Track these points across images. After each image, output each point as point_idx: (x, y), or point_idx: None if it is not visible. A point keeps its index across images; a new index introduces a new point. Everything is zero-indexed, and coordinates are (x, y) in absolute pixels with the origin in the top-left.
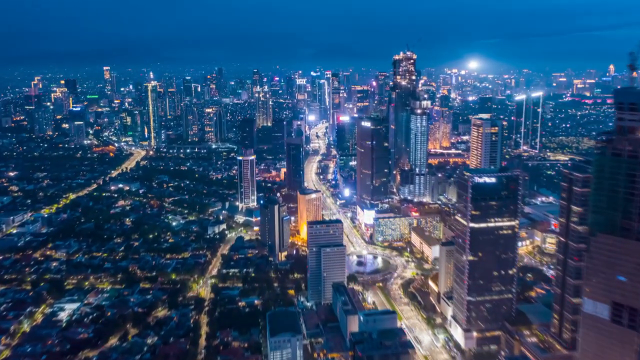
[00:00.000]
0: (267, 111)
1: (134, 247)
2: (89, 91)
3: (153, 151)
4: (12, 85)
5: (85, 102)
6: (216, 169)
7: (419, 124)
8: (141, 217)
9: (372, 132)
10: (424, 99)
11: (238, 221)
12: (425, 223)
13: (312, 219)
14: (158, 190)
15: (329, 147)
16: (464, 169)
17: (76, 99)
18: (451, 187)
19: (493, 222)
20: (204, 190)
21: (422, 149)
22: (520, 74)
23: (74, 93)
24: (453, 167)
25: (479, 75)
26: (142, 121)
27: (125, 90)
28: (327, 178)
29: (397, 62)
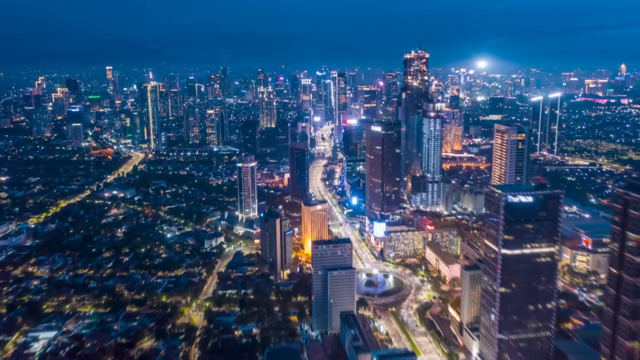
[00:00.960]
0: (271, 112)
1: (123, 263)
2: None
3: (152, 154)
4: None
5: (86, 103)
6: (217, 174)
7: (432, 128)
8: (134, 228)
9: (382, 138)
10: (437, 101)
11: (237, 232)
12: (441, 237)
13: (317, 232)
14: (154, 197)
15: (335, 150)
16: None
17: (77, 100)
18: (466, 195)
19: (529, 248)
20: (203, 197)
21: (435, 155)
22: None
23: (75, 93)
24: (466, 173)
25: (488, 75)
26: (142, 123)
27: (128, 90)
28: (333, 184)
29: (408, 62)
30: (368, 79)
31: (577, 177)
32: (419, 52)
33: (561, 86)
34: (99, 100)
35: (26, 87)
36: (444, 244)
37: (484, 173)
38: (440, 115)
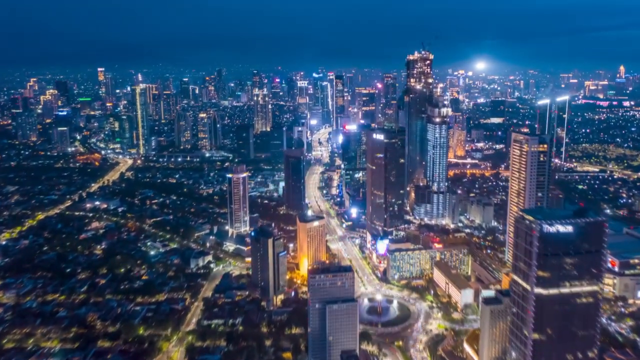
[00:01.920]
0: (266, 115)
1: (99, 287)
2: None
3: (141, 160)
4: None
5: (77, 105)
6: (207, 182)
7: (438, 135)
8: (114, 245)
9: (385, 147)
10: (443, 106)
11: (227, 249)
12: (450, 257)
13: (314, 250)
14: (139, 208)
15: (332, 156)
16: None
17: (67, 102)
18: (473, 206)
19: (568, 287)
20: (192, 208)
21: (441, 163)
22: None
23: (65, 95)
24: (471, 180)
25: (487, 77)
26: (131, 127)
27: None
28: (330, 193)
29: (411, 63)
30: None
31: (589, 185)
32: (423, 53)
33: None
34: (89, 103)
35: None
36: (453, 263)
37: (489, 180)
38: (446, 121)
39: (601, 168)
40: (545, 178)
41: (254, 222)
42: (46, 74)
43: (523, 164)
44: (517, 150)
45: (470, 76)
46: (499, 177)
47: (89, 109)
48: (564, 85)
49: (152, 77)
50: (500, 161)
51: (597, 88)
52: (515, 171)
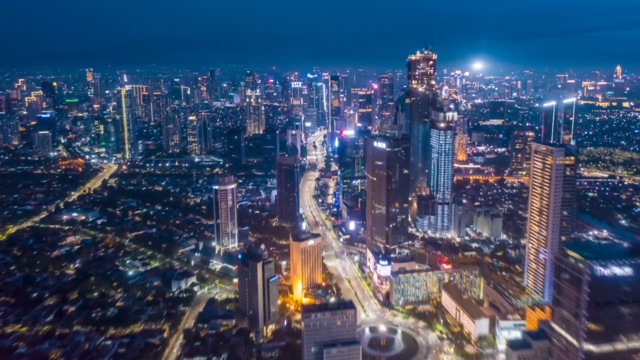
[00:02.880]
0: (259, 117)
1: (67, 316)
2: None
3: (126, 166)
4: None
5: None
6: (195, 190)
7: (443, 141)
8: (89, 263)
9: (387, 156)
10: (448, 110)
11: (214, 268)
12: (459, 278)
13: (308, 272)
14: (120, 220)
15: (328, 160)
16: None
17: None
18: (480, 217)
19: (625, 343)
20: (177, 219)
21: (446, 172)
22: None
23: (52, 96)
24: (474, 187)
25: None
26: (117, 130)
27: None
28: (326, 202)
29: (413, 64)
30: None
31: (599, 192)
32: (426, 53)
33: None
34: (77, 104)
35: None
36: (464, 286)
37: (493, 187)
38: (451, 126)
39: (610, 173)
40: (572, 195)
41: (243, 236)
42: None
43: (546, 178)
44: (539, 162)
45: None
46: (504, 183)
47: (77, 111)
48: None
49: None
50: (503, 166)
51: (595, 89)
52: (536, 186)
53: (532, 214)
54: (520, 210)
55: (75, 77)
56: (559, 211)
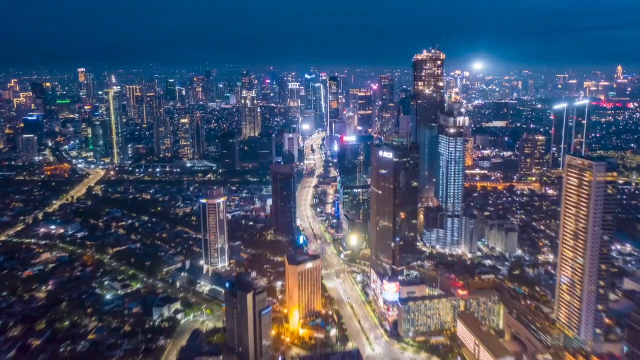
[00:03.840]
0: (255, 120)
1: (32, 352)
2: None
3: (114, 171)
4: None
5: (55, 108)
6: (186, 199)
7: (453, 149)
8: (63, 285)
9: (394, 167)
10: (459, 115)
11: (201, 290)
12: (477, 306)
13: (306, 299)
14: (103, 234)
15: (327, 165)
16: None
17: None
18: (493, 231)
19: None
20: (164, 232)
21: (456, 182)
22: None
23: (42, 98)
24: (483, 195)
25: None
26: (105, 133)
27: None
28: (325, 211)
29: (419, 65)
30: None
31: None
32: (433, 53)
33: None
34: (69, 106)
35: None
36: (482, 314)
37: (503, 195)
38: (462, 132)
39: (625, 180)
40: (613, 216)
41: (235, 252)
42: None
43: (584, 197)
44: (574, 178)
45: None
46: (513, 191)
47: (68, 112)
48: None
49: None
50: (511, 171)
51: (597, 89)
52: (571, 206)
53: (565, 237)
54: (534, 221)
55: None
56: (599, 236)
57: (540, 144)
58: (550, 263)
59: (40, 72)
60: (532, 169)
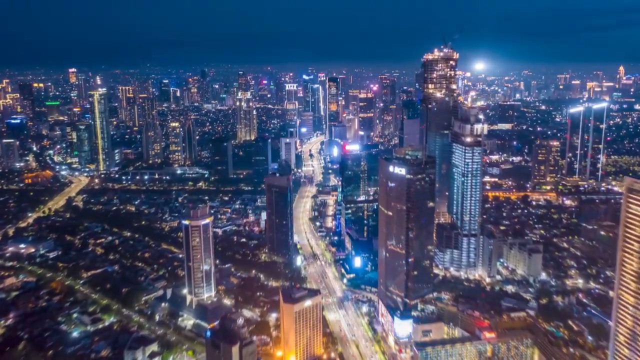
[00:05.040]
0: (250, 122)
1: None
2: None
3: (99, 179)
4: None
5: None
6: (173, 210)
7: (469, 159)
8: (25, 319)
9: (407, 184)
10: (477, 122)
11: (184, 325)
12: (506, 350)
13: (305, 341)
14: (78, 253)
15: (326, 172)
16: None
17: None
18: (513, 251)
19: None
20: (147, 251)
21: (473, 197)
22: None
23: (30, 99)
24: (495, 206)
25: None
26: (90, 138)
27: None
28: (325, 225)
29: (429, 65)
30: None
31: None
32: (445, 51)
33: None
34: (58, 107)
35: None
36: (511, 358)
37: (517, 206)
38: (479, 141)
39: None
40: None
41: (224, 275)
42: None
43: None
44: (634, 205)
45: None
46: (527, 201)
47: (58, 114)
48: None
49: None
50: (523, 178)
51: (601, 90)
52: (630, 238)
53: (623, 279)
54: (555, 237)
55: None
56: None
57: (554, 150)
58: (580, 289)
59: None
60: (547, 177)
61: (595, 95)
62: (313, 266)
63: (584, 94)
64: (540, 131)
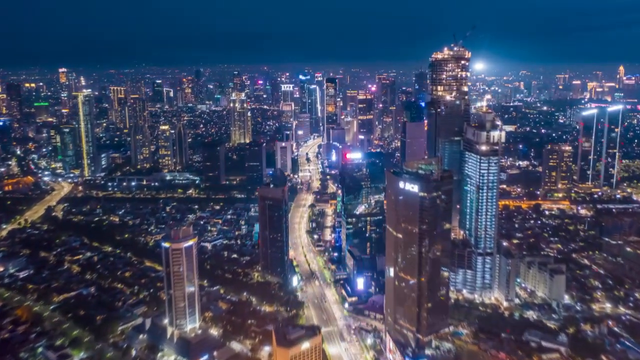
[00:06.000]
0: (244, 124)
1: None
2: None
3: (83, 186)
4: None
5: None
6: (160, 221)
7: (485, 170)
8: None
9: (420, 203)
10: (493, 128)
11: None
12: None
13: None
14: (51, 272)
15: (324, 177)
16: None
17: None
18: (532, 271)
19: None
20: (127, 270)
21: (489, 212)
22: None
23: (17, 100)
24: (506, 217)
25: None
26: (75, 141)
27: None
28: (323, 238)
29: (438, 65)
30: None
31: None
32: (456, 50)
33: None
34: (47, 108)
35: None
36: None
37: (529, 216)
38: (496, 149)
39: None
40: None
41: (212, 299)
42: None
43: None
44: None
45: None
46: (540, 211)
47: (47, 115)
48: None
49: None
50: (532, 185)
51: (603, 90)
52: None
53: None
54: (574, 252)
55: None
56: None
57: (567, 155)
58: (609, 315)
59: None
60: (558, 184)
61: (596, 95)
62: (311, 286)
63: (585, 94)
64: (545, 133)
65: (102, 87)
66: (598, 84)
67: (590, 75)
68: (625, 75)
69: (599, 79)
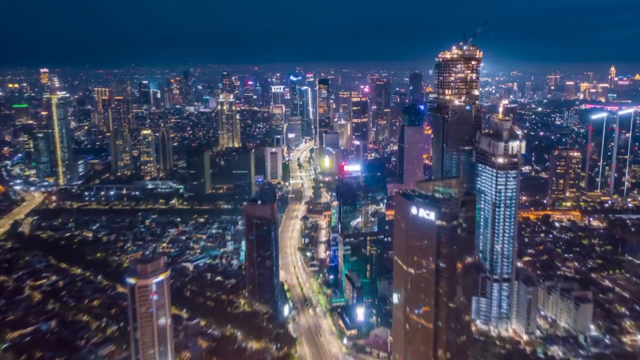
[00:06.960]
0: (233, 128)
1: None
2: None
3: (57, 196)
4: None
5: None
6: (138, 237)
7: (502, 186)
8: None
9: (438, 234)
10: (512, 138)
11: None
12: None
13: None
14: (7, 302)
15: (317, 185)
16: None
17: None
18: (552, 297)
19: None
20: (97, 297)
21: (507, 232)
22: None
23: None
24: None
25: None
26: (49, 147)
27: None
28: (318, 256)
29: (445, 65)
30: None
31: None
32: (466, 49)
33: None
34: (27, 110)
35: None
36: None
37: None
38: (516, 163)
39: None
40: None
41: (190, 335)
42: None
43: None
44: None
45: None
46: (549, 222)
47: (27, 118)
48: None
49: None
50: (537, 192)
51: (597, 91)
52: None
53: None
54: (592, 271)
55: None
56: None
57: (575, 161)
58: None
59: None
60: (566, 192)
61: (590, 96)
62: (304, 315)
63: (579, 95)
64: (544, 136)
65: (86, 88)
66: (591, 84)
67: (581, 76)
68: (617, 76)
69: (590, 79)
